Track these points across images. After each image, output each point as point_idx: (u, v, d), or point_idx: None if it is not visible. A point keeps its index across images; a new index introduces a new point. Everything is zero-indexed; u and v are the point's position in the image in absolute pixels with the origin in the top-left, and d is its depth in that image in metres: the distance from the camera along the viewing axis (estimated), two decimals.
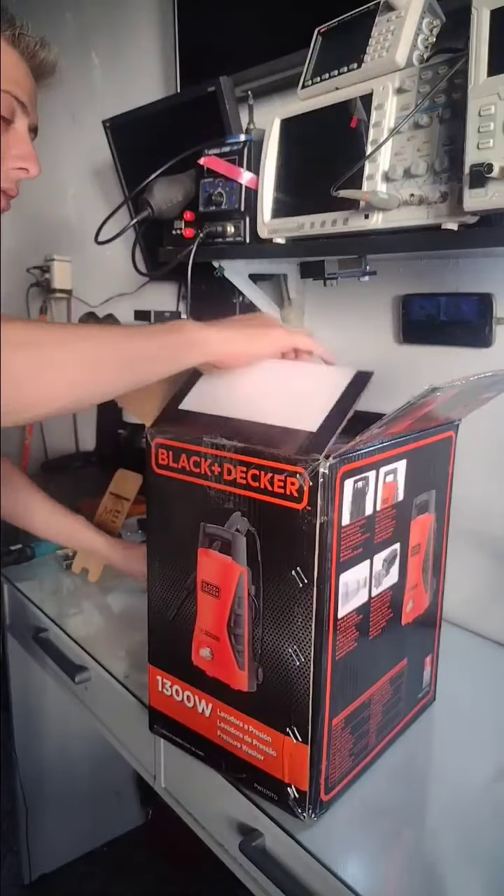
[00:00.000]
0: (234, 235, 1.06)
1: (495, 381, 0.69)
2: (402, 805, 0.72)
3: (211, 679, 0.72)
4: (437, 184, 0.76)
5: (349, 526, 0.63)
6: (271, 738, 0.68)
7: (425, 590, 0.80)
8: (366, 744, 0.73)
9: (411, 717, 0.82)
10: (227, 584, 0.68)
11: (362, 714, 0.71)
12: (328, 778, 0.67)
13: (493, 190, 0.68)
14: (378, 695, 0.74)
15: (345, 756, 0.70)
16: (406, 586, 0.75)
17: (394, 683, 0.77)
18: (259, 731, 0.69)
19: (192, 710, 0.75)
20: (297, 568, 0.62)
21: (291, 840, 0.66)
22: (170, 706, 0.78)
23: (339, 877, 0.61)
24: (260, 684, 0.68)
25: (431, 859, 0.66)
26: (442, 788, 0.75)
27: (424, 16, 0.81)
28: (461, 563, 1.00)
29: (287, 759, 0.67)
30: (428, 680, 0.85)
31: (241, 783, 0.72)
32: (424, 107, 0.77)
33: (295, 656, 0.64)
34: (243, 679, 0.69)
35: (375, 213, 0.82)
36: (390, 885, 0.63)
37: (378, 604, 0.71)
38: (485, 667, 0.98)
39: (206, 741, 0.74)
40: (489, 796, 0.73)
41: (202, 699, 0.74)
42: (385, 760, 0.77)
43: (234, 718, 0.71)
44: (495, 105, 0.67)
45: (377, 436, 0.62)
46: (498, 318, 0.97)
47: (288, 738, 0.66)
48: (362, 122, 0.84)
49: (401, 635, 0.76)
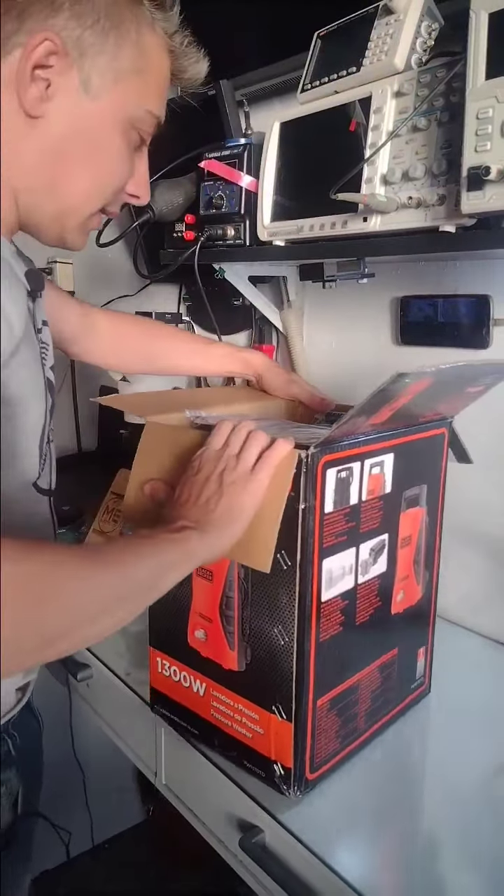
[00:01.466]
0: (234, 238, 1.07)
1: (478, 373, 0.70)
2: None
3: (205, 659, 0.75)
4: (435, 186, 0.77)
5: (333, 514, 0.66)
6: (259, 717, 0.70)
7: (417, 582, 0.82)
8: (354, 727, 0.75)
9: (404, 706, 0.84)
10: (220, 569, 0.72)
11: (349, 698, 0.73)
12: (314, 757, 0.70)
13: (490, 192, 0.68)
14: (367, 681, 0.76)
15: (331, 737, 0.72)
16: (396, 576, 0.78)
17: (384, 671, 0.79)
18: (248, 710, 0.72)
19: (188, 689, 0.78)
20: (283, 551, 0.64)
21: (291, 836, 0.67)
22: (169, 686, 0.81)
23: (339, 874, 0.62)
24: (248, 664, 0.71)
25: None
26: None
27: (423, 19, 0.82)
28: (459, 561, 1.01)
29: (273, 736, 0.69)
30: (422, 671, 0.87)
31: (232, 761, 0.75)
32: (423, 110, 0.77)
33: (280, 636, 0.67)
34: (233, 659, 0.72)
35: (374, 216, 0.83)
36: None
37: (365, 591, 0.73)
38: (480, 663, 0.99)
39: (200, 720, 0.77)
40: (479, 783, 0.74)
41: (197, 679, 0.77)
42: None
43: (225, 697, 0.74)
44: (493, 108, 0.67)
45: (355, 426, 0.64)
46: (495, 319, 0.97)
47: (274, 716, 0.69)
48: (361, 126, 0.84)
49: (391, 624, 0.78)
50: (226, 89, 1.13)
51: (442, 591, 0.87)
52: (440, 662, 0.89)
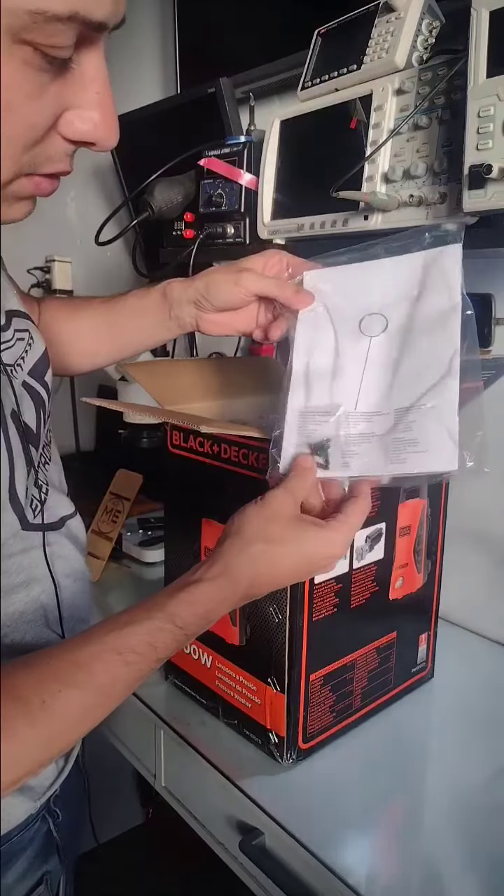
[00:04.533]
0: (234, 236, 1.07)
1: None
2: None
3: (211, 634, 0.80)
4: (437, 185, 0.76)
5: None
6: (256, 688, 0.76)
7: (417, 570, 0.84)
8: (349, 704, 0.79)
9: (404, 688, 0.87)
10: None
11: (344, 675, 0.78)
12: (306, 728, 0.75)
13: (492, 191, 0.68)
14: (363, 660, 0.80)
15: (325, 711, 0.77)
16: (394, 564, 0.80)
17: (381, 653, 0.82)
18: (247, 681, 0.78)
19: (196, 661, 0.85)
20: None
21: (292, 839, 0.66)
22: (180, 658, 0.87)
23: (340, 876, 0.62)
24: (248, 639, 0.77)
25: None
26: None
27: (424, 17, 0.81)
28: (461, 563, 1.00)
29: (268, 706, 0.75)
30: (423, 656, 0.89)
31: (233, 728, 0.81)
32: (424, 108, 0.77)
33: (274, 614, 0.72)
34: (235, 634, 0.78)
35: (375, 214, 0.82)
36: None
37: (361, 576, 0.76)
38: (485, 658, 1.00)
39: (207, 689, 0.84)
40: (474, 762, 0.76)
41: (204, 652, 0.83)
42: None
43: (228, 669, 0.80)
44: (494, 106, 0.67)
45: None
46: (497, 318, 0.97)
47: (269, 687, 0.75)
48: (362, 124, 0.84)
49: (389, 609, 0.81)
50: (226, 87, 1.13)
51: (444, 593, 0.87)
52: (442, 655, 0.90)
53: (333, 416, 0.58)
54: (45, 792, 0.63)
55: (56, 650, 0.48)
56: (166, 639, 0.49)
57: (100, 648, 0.47)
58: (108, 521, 1.24)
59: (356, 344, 0.59)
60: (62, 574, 0.64)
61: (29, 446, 0.58)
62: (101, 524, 1.24)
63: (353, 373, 0.59)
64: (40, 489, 0.61)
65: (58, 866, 0.66)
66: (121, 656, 0.47)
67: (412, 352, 0.57)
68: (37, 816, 0.63)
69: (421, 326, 0.57)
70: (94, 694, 0.46)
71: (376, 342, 0.59)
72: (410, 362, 0.56)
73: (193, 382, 0.81)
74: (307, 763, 0.75)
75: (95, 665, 0.46)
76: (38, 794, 0.62)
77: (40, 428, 0.61)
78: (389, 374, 0.57)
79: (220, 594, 0.51)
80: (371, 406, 0.57)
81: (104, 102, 0.43)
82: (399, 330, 0.58)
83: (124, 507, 1.23)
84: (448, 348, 0.55)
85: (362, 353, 0.59)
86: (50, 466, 0.66)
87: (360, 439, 0.56)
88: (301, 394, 0.60)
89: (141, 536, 1.31)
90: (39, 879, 0.63)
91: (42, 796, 0.63)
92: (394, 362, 0.57)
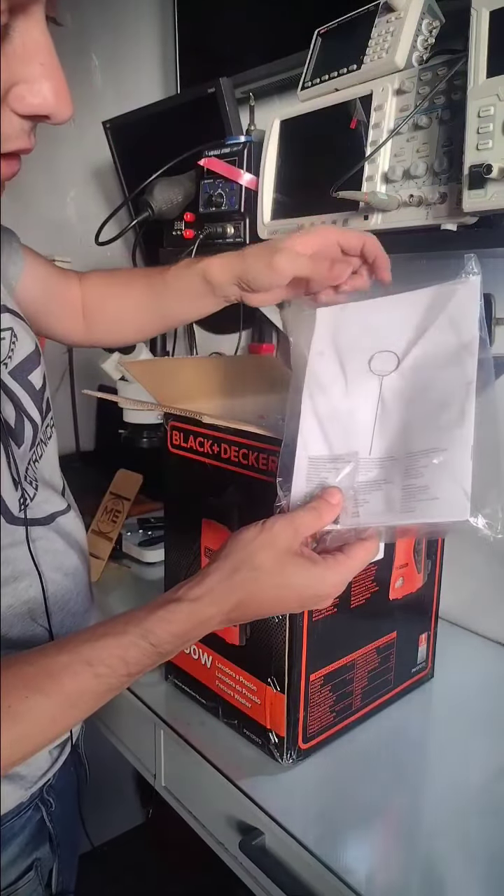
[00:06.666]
0: (233, 236, 1.07)
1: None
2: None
3: (211, 634, 0.77)
4: (437, 185, 0.76)
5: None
6: (256, 688, 0.76)
7: (417, 570, 0.84)
8: (349, 704, 0.79)
9: (404, 688, 0.87)
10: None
11: (344, 675, 0.77)
12: (306, 728, 0.75)
13: (492, 191, 0.68)
14: (363, 660, 0.79)
15: (325, 711, 0.76)
16: (394, 564, 0.80)
17: (381, 653, 0.82)
18: (247, 682, 0.78)
19: (196, 661, 0.85)
20: None
21: (292, 839, 0.66)
22: (180, 658, 0.87)
23: (340, 876, 0.62)
24: (248, 639, 0.77)
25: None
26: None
27: (424, 17, 0.81)
28: (462, 564, 1.00)
29: (268, 706, 0.75)
30: (424, 656, 0.89)
31: (233, 728, 0.81)
32: (424, 108, 0.77)
33: (274, 616, 0.70)
34: (235, 634, 0.78)
35: (375, 214, 0.82)
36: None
37: (361, 576, 0.76)
38: (485, 658, 1.00)
39: (207, 689, 0.84)
40: (474, 762, 0.77)
41: (205, 652, 0.83)
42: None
43: (228, 670, 0.80)
44: (494, 106, 0.67)
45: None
46: (497, 318, 0.97)
47: (269, 687, 0.74)
48: (362, 123, 0.84)
49: (389, 609, 0.81)
50: (225, 87, 1.13)
51: (444, 593, 0.87)
52: (440, 663, 0.90)
53: (348, 465, 0.53)
54: (37, 781, 0.64)
55: (34, 655, 0.48)
56: (138, 655, 0.48)
57: (72, 658, 0.47)
58: (108, 521, 1.24)
59: (367, 383, 0.56)
60: (51, 568, 0.64)
61: (10, 442, 0.60)
62: (101, 524, 1.25)
63: (365, 416, 0.55)
64: (31, 484, 0.63)
65: (49, 854, 0.67)
66: (91, 668, 0.47)
67: (425, 392, 0.53)
68: (29, 805, 0.64)
69: (434, 364, 0.54)
70: (60, 703, 0.47)
71: (388, 382, 0.55)
72: (423, 403, 0.53)
73: (193, 381, 0.81)
74: (307, 763, 0.75)
75: (64, 675, 0.46)
76: (30, 783, 0.63)
77: (22, 425, 0.62)
78: (402, 416, 0.54)
79: (198, 616, 0.50)
80: (384, 451, 0.53)
81: (52, 73, 0.40)
82: (412, 368, 0.55)
83: (124, 507, 1.23)
84: (462, 389, 0.51)
85: (374, 394, 0.55)
86: (41, 463, 0.66)
87: (371, 487, 0.52)
88: (311, 438, 0.56)
89: (141, 536, 1.31)
90: (30, 866, 0.65)
91: (34, 785, 0.63)
92: (406, 403, 0.54)
